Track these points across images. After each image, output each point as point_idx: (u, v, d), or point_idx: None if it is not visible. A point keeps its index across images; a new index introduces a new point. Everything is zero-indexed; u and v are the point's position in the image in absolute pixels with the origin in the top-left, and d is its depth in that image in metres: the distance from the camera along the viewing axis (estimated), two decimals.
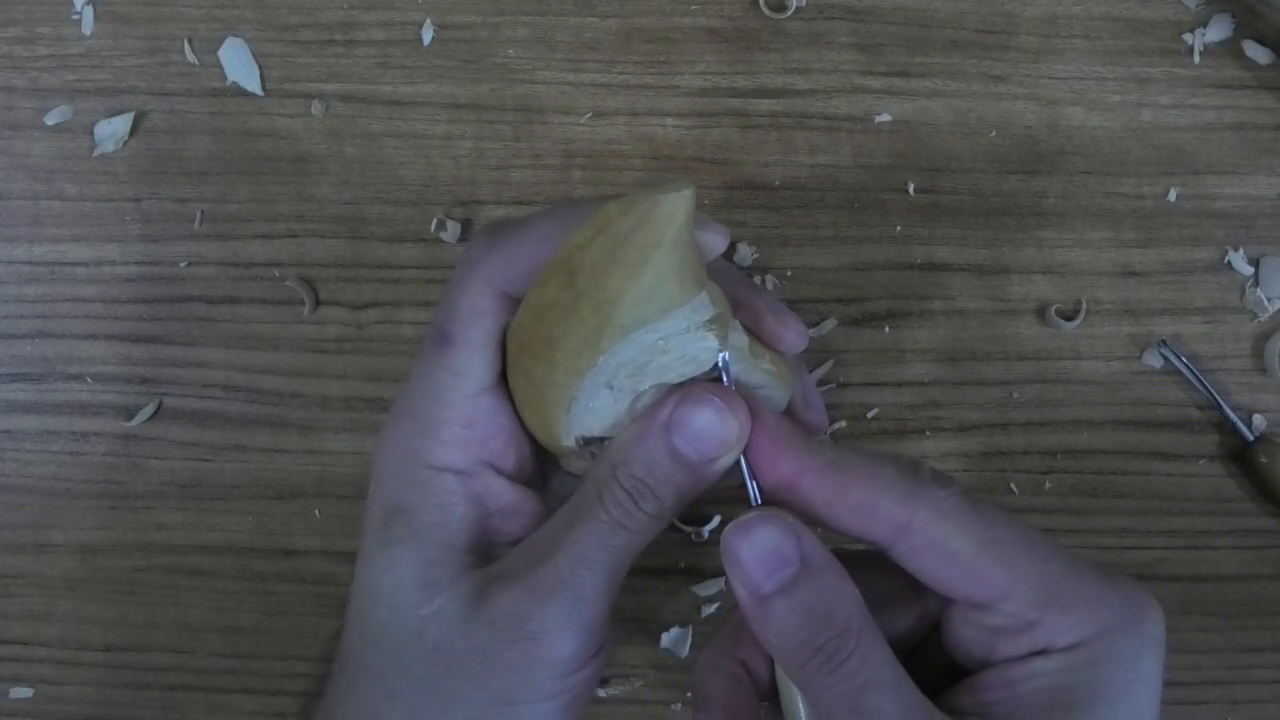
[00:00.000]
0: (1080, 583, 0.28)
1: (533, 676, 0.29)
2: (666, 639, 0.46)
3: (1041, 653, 0.28)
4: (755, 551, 0.27)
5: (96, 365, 0.47)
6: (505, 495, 0.32)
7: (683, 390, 0.29)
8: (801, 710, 0.29)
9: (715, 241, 0.31)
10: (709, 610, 0.46)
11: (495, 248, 0.31)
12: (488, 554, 0.32)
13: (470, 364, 0.31)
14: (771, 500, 0.29)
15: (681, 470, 0.29)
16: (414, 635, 0.30)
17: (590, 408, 0.30)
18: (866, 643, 0.27)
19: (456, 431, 0.31)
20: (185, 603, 0.46)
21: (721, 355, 0.29)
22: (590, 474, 0.30)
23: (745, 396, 0.30)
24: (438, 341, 0.31)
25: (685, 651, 0.46)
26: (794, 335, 0.33)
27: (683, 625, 0.46)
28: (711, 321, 0.30)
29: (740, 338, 0.31)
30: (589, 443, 0.31)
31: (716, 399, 0.29)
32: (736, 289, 0.33)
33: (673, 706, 0.46)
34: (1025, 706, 0.27)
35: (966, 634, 0.29)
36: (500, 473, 0.32)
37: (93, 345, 0.47)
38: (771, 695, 0.31)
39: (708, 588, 0.46)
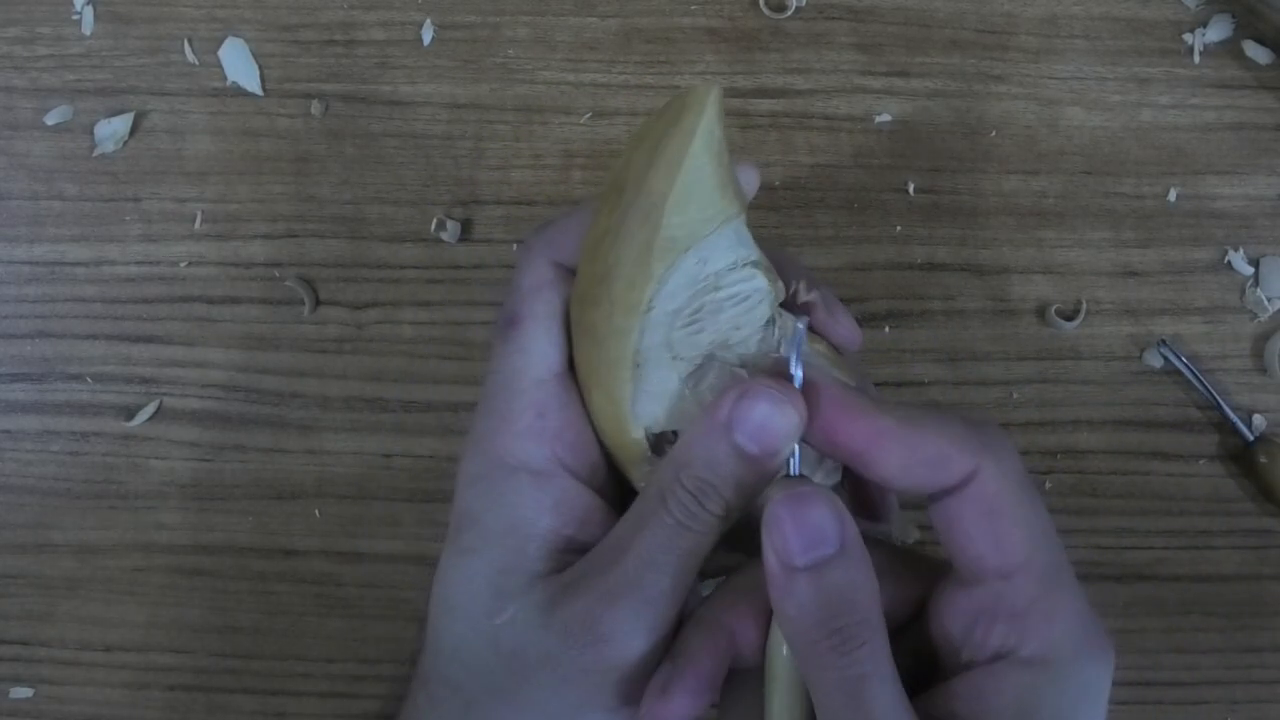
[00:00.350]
0: (1073, 598, 0.28)
1: (604, 680, 0.29)
2: None
3: (1009, 658, 0.28)
4: (800, 524, 0.27)
5: (96, 365, 0.47)
6: (579, 499, 0.32)
7: (739, 386, 0.29)
8: (779, 690, 0.29)
9: (748, 175, 0.32)
10: None
11: (548, 226, 0.33)
12: (560, 560, 0.31)
13: (537, 340, 0.31)
14: (825, 454, 0.30)
15: (745, 466, 0.29)
16: (489, 645, 0.30)
17: (652, 389, 0.30)
18: (878, 637, 0.27)
19: (529, 421, 0.31)
20: (185, 603, 0.46)
21: (799, 324, 0.29)
22: (654, 477, 0.30)
23: (807, 369, 0.29)
24: (505, 326, 0.32)
25: None
26: (845, 330, 0.33)
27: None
28: (758, 263, 0.30)
29: (794, 322, 0.31)
30: (657, 443, 0.31)
31: (773, 390, 0.29)
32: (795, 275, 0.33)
33: None
34: (992, 718, 0.28)
35: (949, 617, 0.29)
36: (573, 475, 0.32)
37: (93, 345, 0.47)
38: (745, 671, 0.31)
39: (708, 587, 0.46)
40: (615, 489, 0.33)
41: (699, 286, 0.30)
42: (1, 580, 0.47)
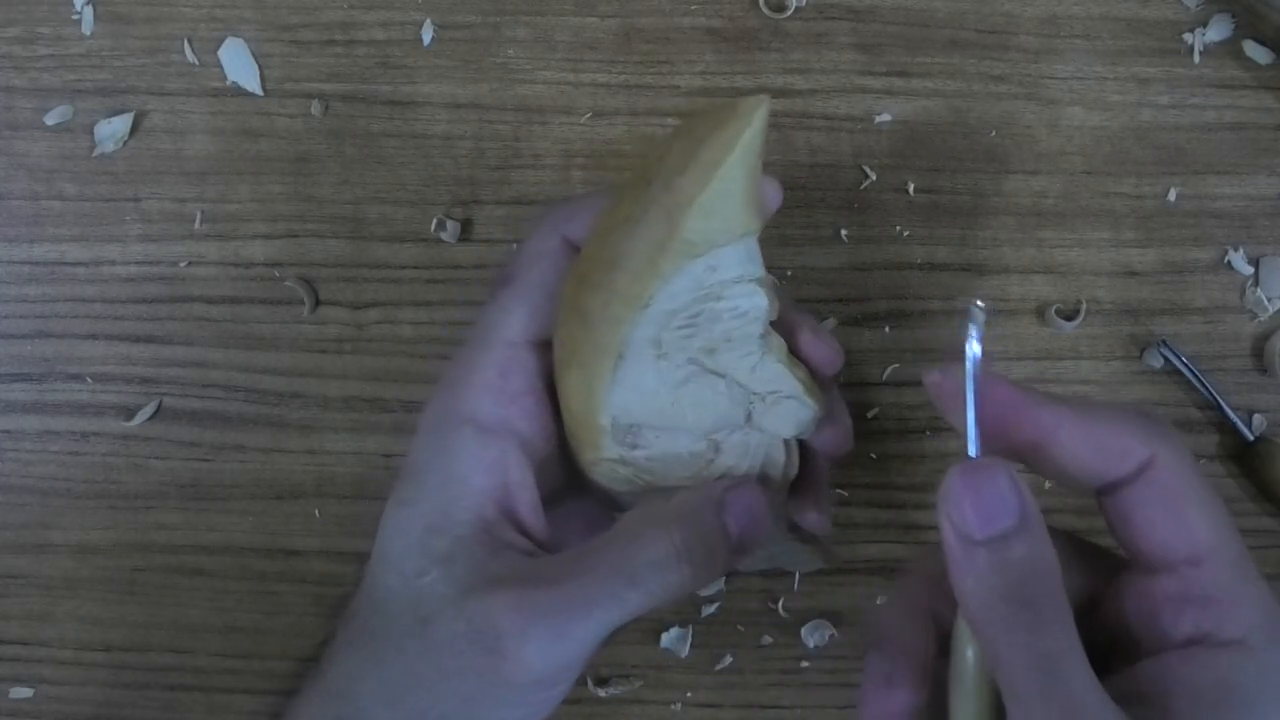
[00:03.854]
0: (1261, 587, 0.28)
1: (493, 689, 0.29)
2: (666, 639, 0.46)
3: (1205, 641, 0.27)
4: (979, 496, 0.26)
5: (96, 365, 0.47)
6: (516, 467, 0.31)
7: (735, 481, 0.32)
8: (963, 695, 0.28)
9: (770, 193, 0.32)
10: (709, 610, 0.46)
11: (568, 200, 0.33)
12: (488, 535, 0.31)
13: (521, 303, 0.32)
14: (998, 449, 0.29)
15: (721, 544, 0.31)
16: (409, 604, 0.30)
17: (629, 380, 0.30)
18: (1066, 614, 0.26)
19: (491, 378, 0.31)
20: (185, 603, 0.46)
21: (977, 305, 0.29)
22: (630, 523, 0.31)
23: (992, 375, 0.29)
24: (499, 282, 0.33)
25: (685, 651, 0.46)
26: (828, 353, 0.34)
27: (683, 625, 0.46)
28: (762, 280, 0.31)
29: (779, 340, 0.32)
30: (623, 438, 0.31)
31: (761, 494, 0.32)
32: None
33: (673, 706, 0.46)
34: (1191, 699, 0.27)
35: (1133, 607, 0.29)
36: (520, 445, 0.32)
37: (93, 345, 0.47)
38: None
39: (708, 588, 0.46)
40: (561, 474, 0.33)
41: (702, 293, 0.30)
42: (1, 580, 0.47)
